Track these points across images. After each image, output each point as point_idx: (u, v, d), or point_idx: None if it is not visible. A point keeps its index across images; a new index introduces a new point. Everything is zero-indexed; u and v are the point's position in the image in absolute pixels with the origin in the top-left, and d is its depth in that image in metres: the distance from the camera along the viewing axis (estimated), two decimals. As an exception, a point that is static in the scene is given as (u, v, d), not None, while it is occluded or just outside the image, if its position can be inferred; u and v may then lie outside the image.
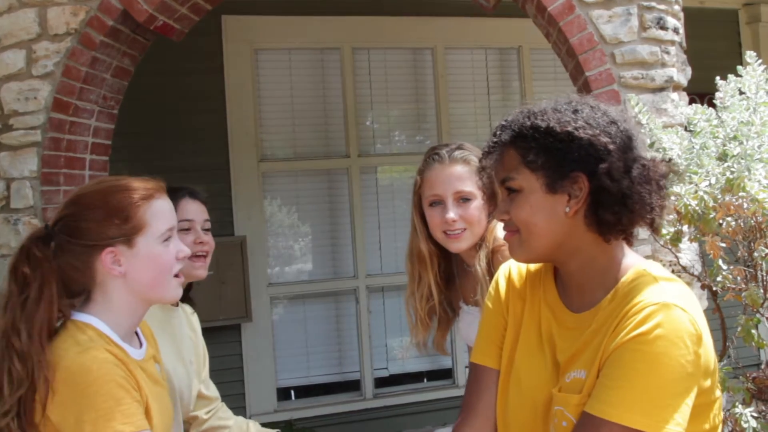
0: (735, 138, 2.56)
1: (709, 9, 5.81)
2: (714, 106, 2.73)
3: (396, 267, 5.28)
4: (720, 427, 1.42)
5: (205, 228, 2.35)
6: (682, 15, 3.53)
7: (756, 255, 2.56)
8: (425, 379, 5.47)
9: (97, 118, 3.50)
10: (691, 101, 3.31)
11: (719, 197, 2.49)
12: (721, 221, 2.52)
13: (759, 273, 2.62)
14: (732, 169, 2.50)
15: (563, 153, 1.39)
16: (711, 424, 1.39)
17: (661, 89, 3.33)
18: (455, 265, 2.40)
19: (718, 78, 2.74)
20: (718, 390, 1.40)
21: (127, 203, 1.64)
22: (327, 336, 5.32)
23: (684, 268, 2.86)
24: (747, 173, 2.45)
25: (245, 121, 5.03)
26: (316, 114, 5.32)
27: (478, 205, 2.20)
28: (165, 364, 1.89)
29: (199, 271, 2.29)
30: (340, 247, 5.36)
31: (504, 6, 3.64)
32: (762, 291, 2.59)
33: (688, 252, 2.97)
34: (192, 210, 2.31)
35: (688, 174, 2.53)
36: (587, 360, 1.39)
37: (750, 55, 2.70)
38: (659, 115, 3.21)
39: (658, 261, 2.26)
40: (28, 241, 1.64)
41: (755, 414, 2.49)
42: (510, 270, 1.62)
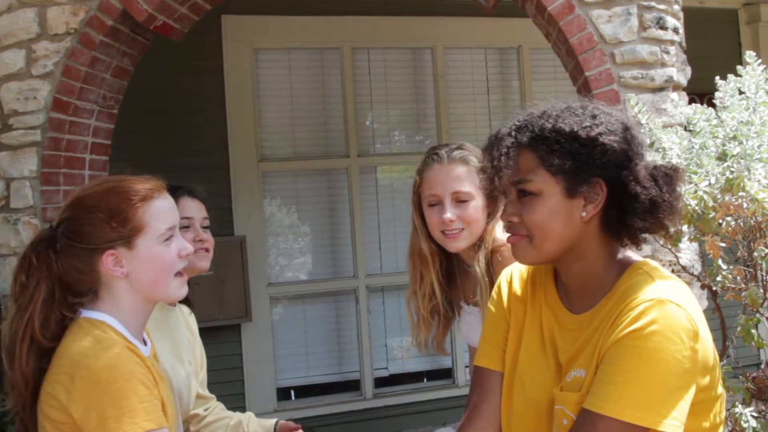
0: (735, 138, 2.56)
1: (709, 9, 5.81)
2: (714, 105, 2.73)
3: (396, 267, 5.28)
4: (722, 426, 1.42)
5: (204, 226, 2.37)
6: (681, 15, 3.52)
7: (756, 255, 2.56)
8: (425, 379, 5.46)
9: (97, 117, 3.50)
10: (691, 101, 3.31)
11: (719, 197, 2.49)
12: (721, 221, 2.52)
13: (759, 273, 2.62)
14: (732, 169, 2.50)
15: (586, 158, 1.39)
16: (711, 422, 1.38)
17: (661, 89, 3.33)
18: (456, 265, 2.39)
19: (717, 78, 2.74)
20: (720, 388, 1.40)
21: (126, 206, 1.65)
22: (327, 336, 5.32)
23: (684, 267, 2.86)
24: (747, 173, 2.45)
25: (245, 121, 5.03)
26: (315, 114, 5.31)
27: (476, 206, 2.19)
28: (163, 364, 1.90)
29: (203, 263, 2.32)
30: (339, 247, 5.36)
31: (504, 6, 3.64)
32: (762, 291, 2.59)
33: (687, 252, 2.97)
34: (191, 208, 2.33)
35: (687, 174, 2.53)
36: (586, 358, 1.39)
37: (750, 55, 2.69)
38: (659, 115, 3.21)
39: (657, 261, 2.26)
40: (28, 249, 1.66)
41: (755, 414, 2.49)
42: (512, 273, 1.62)
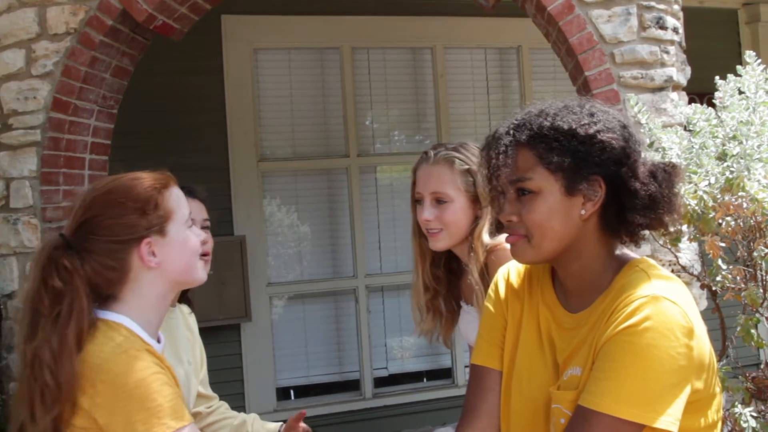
0: (734, 138, 2.56)
1: (709, 9, 5.81)
2: (713, 105, 2.74)
3: (395, 267, 5.29)
4: (719, 426, 1.41)
5: (204, 226, 2.35)
6: (681, 15, 3.53)
7: (755, 255, 2.56)
8: (425, 379, 5.47)
9: (97, 117, 3.50)
10: (691, 101, 3.31)
11: (719, 197, 2.49)
12: (721, 221, 2.52)
13: (758, 273, 2.62)
14: (731, 169, 2.50)
15: (585, 155, 1.38)
16: (707, 421, 1.38)
17: (661, 89, 3.33)
18: (457, 263, 2.40)
19: (717, 78, 2.74)
20: (717, 387, 1.40)
21: (154, 192, 1.63)
22: (326, 336, 5.32)
23: (683, 267, 2.87)
24: (746, 173, 2.45)
25: (245, 121, 5.03)
26: (315, 113, 5.31)
27: (456, 208, 2.17)
28: (164, 363, 1.90)
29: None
30: (339, 247, 5.36)
31: (504, 6, 3.64)
32: (761, 291, 2.60)
33: (687, 252, 2.97)
34: (192, 208, 2.31)
35: (687, 174, 2.53)
36: (582, 356, 1.39)
37: (749, 55, 2.70)
38: (659, 115, 3.22)
39: (657, 260, 2.26)
40: (53, 252, 1.56)
41: (754, 414, 2.49)
42: (509, 272, 1.61)
